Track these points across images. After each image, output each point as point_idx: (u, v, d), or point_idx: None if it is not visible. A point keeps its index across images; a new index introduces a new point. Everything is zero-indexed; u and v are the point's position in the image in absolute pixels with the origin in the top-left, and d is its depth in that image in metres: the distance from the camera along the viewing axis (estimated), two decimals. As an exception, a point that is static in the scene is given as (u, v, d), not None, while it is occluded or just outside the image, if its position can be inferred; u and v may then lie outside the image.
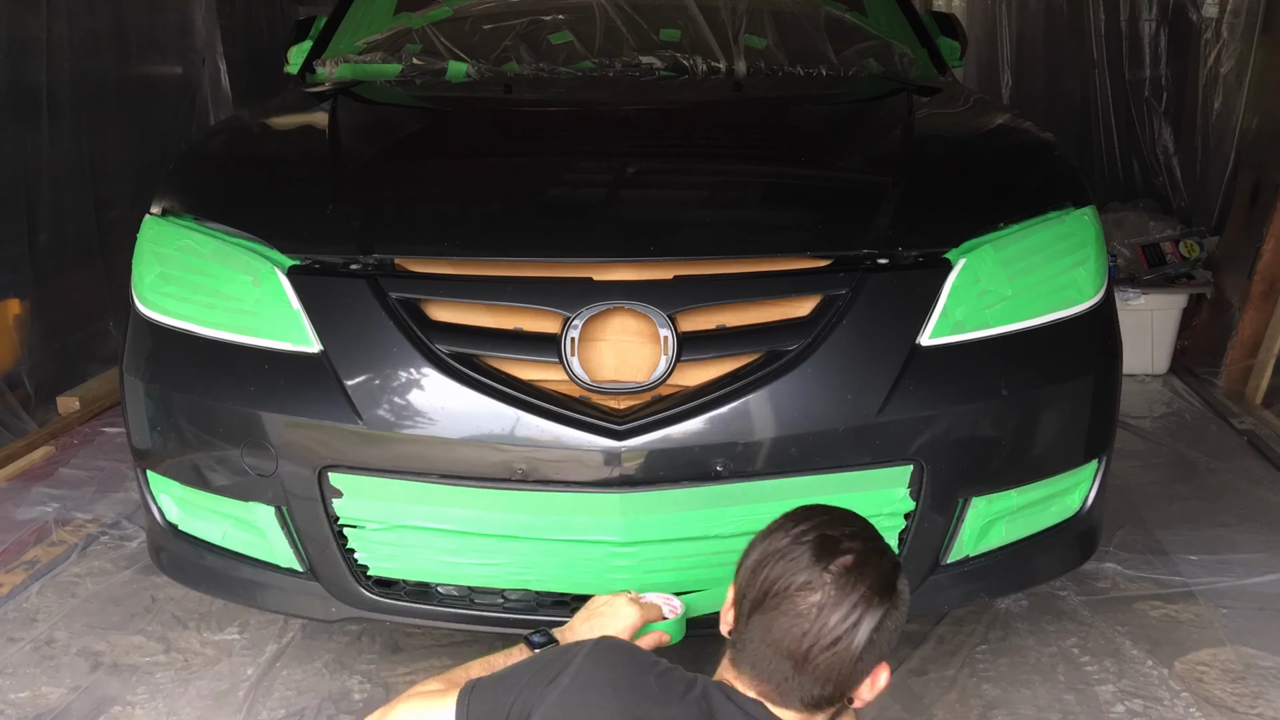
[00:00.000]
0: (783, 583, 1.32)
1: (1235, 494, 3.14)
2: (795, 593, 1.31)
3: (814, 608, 1.29)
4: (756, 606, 1.34)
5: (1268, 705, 2.18)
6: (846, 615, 1.29)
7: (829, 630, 1.29)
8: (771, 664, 1.31)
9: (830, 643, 1.29)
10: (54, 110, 3.90)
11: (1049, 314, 2.01)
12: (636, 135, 2.49)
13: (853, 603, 1.29)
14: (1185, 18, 4.74)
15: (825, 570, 1.31)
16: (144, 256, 2.16)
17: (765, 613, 1.32)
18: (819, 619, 1.29)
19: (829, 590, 1.30)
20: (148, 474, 2.14)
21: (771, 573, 1.34)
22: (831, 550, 1.33)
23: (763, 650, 1.32)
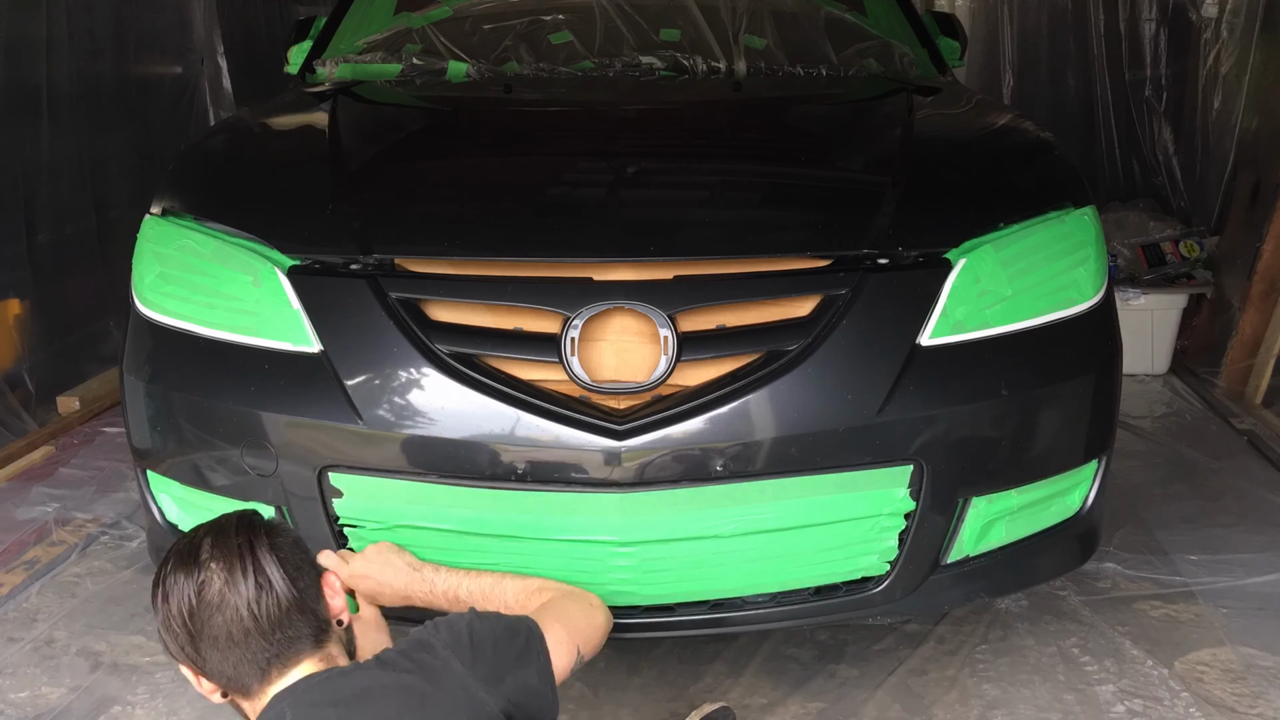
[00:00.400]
0: (186, 605, 1.41)
1: (1235, 494, 3.14)
2: (202, 596, 1.41)
3: (220, 591, 1.40)
4: (194, 640, 1.42)
5: (1268, 705, 2.19)
6: (246, 572, 1.41)
7: (254, 601, 1.40)
8: (254, 657, 1.40)
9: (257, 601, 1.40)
10: (54, 110, 3.90)
11: (1049, 314, 2.01)
12: (636, 135, 2.49)
13: (240, 561, 1.42)
14: (1185, 18, 4.74)
15: (200, 565, 1.42)
16: (144, 256, 2.16)
17: (204, 636, 1.41)
18: (234, 593, 1.40)
19: (218, 569, 1.41)
20: (148, 474, 2.14)
21: (174, 611, 1.42)
22: (192, 551, 1.44)
23: (235, 655, 1.41)
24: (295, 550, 1.49)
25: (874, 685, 2.26)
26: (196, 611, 1.41)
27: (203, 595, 1.40)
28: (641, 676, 2.29)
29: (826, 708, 2.19)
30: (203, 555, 1.43)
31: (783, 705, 2.20)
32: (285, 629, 1.42)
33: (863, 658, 2.35)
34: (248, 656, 1.41)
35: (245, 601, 1.40)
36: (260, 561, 1.42)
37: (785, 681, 2.27)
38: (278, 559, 1.44)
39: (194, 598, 1.41)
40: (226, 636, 1.40)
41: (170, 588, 1.44)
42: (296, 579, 1.45)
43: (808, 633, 2.43)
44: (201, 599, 1.40)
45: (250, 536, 1.45)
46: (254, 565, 1.42)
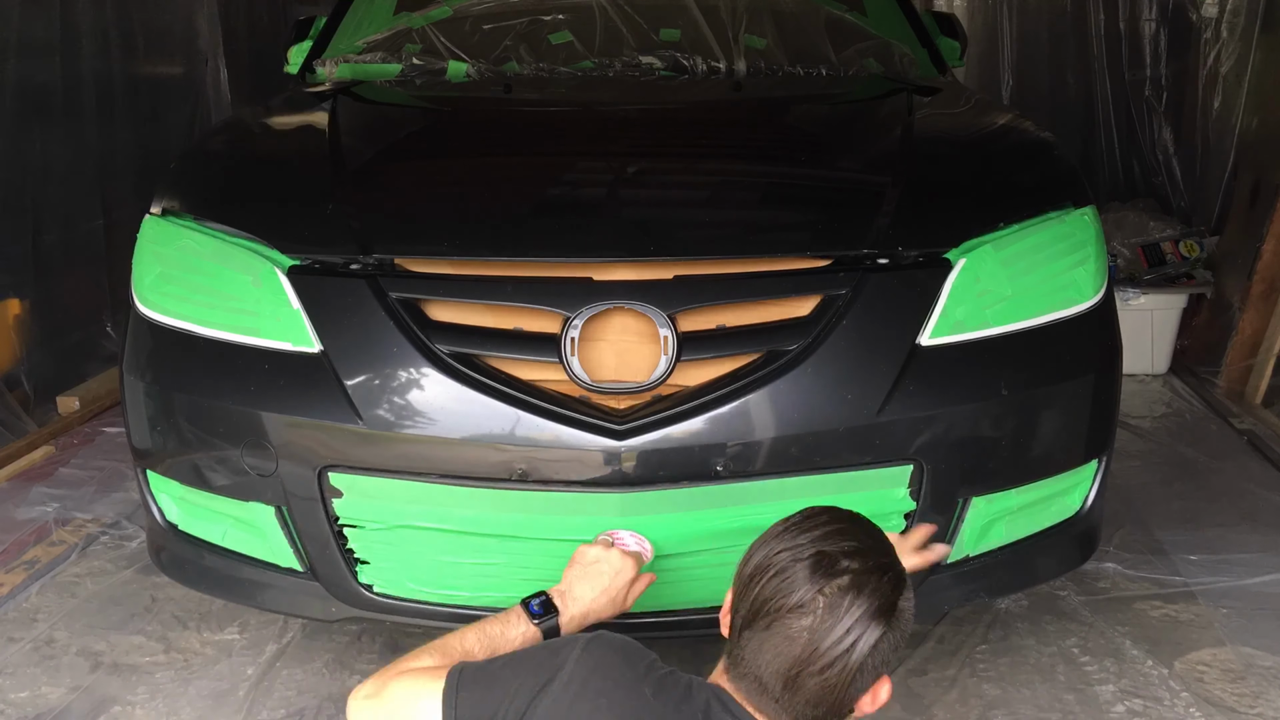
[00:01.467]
0: (775, 603, 1.27)
1: (1235, 494, 3.14)
2: (787, 614, 1.25)
3: (805, 631, 1.24)
4: (749, 623, 1.29)
5: (1268, 705, 2.18)
6: (839, 639, 1.23)
7: (820, 654, 1.24)
8: (763, 681, 1.27)
9: (821, 668, 1.24)
10: (55, 111, 3.90)
11: (1049, 314, 2.01)
12: (636, 135, 2.49)
13: (846, 627, 1.23)
14: (1185, 18, 4.74)
15: (819, 593, 1.25)
16: (144, 256, 2.16)
17: (756, 631, 1.28)
18: (810, 643, 1.24)
19: (821, 614, 1.24)
20: (148, 474, 2.14)
21: (764, 591, 1.28)
22: (828, 570, 1.26)
23: (754, 667, 1.27)
24: (895, 651, 1.29)
25: (874, 685, 2.25)
26: (771, 614, 1.26)
27: (788, 613, 1.24)
28: (641, 676, 2.29)
29: (826, 708, 2.19)
30: (829, 588, 1.25)
31: (783, 705, 2.19)
32: (804, 696, 1.25)
33: (863, 658, 2.35)
34: (758, 679, 1.27)
35: (807, 657, 1.23)
36: (864, 640, 1.24)
37: (785, 681, 2.27)
38: (874, 645, 1.24)
39: (780, 606, 1.25)
40: (766, 653, 1.25)
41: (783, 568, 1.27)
42: (863, 670, 1.25)
43: (808, 633, 2.43)
44: (783, 614, 1.25)
45: (882, 616, 1.25)
46: (855, 640, 1.23)
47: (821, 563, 1.27)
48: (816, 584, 1.25)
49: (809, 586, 1.25)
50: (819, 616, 1.24)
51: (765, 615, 1.27)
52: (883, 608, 1.26)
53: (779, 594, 1.26)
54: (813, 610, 1.24)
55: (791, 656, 1.24)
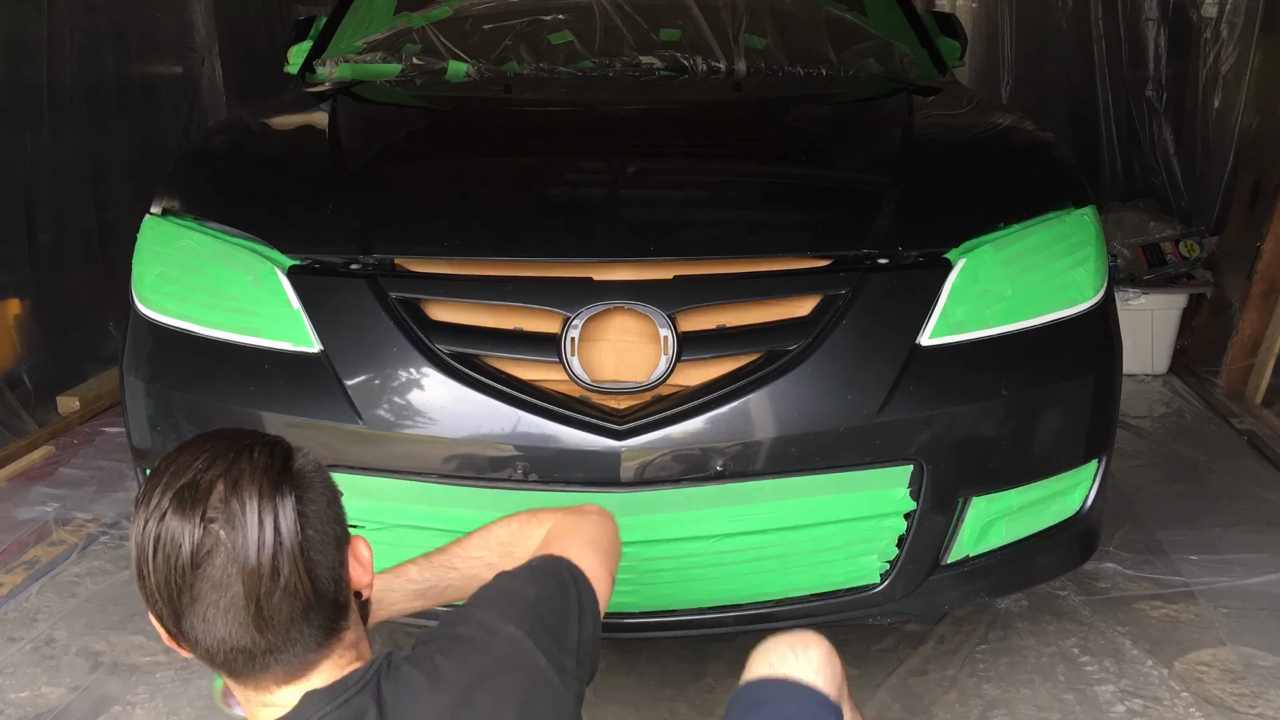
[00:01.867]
0: (177, 573, 1.01)
1: (1235, 494, 3.14)
2: (196, 570, 1.01)
3: (226, 566, 1.01)
4: (177, 614, 1.03)
5: (1268, 705, 2.19)
6: (260, 544, 1.01)
7: (258, 572, 1.01)
8: (240, 650, 1.03)
9: (270, 585, 1.01)
10: (54, 110, 3.89)
11: (1049, 314, 2.01)
12: (637, 135, 2.49)
13: (255, 528, 1.01)
14: (1185, 18, 4.74)
15: (204, 521, 1.01)
16: (144, 256, 2.16)
17: (189, 615, 1.03)
18: (242, 572, 1.00)
19: (224, 539, 1.01)
20: (148, 474, 2.14)
21: (157, 573, 1.02)
22: (193, 498, 1.02)
23: (221, 644, 1.03)
24: (329, 509, 1.11)
25: (874, 685, 2.25)
26: (188, 574, 1.01)
27: (198, 561, 1.01)
28: (641, 676, 2.29)
29: (826, 708, 2.19)
30: (209, 510, 1.02)
31: (783, 705, 2.19)
32: (287, 622, 1.04)
33: (863, 658, 2.35)
34: (236, 654, 1.04)
35: (250, 584, 1.01)
36: (280, 523, 1.02)
37: (785, 681, 2.27)
38: (297, 521, 1.04)
39: (187, 560, 1.01)
40: (217, 624, 1.02)
41: (155, 534, 1.02)
42: (313, 550, 1.05)
43: (808, 633, 2.42)
44: (196, 564, 1.01)
45: (274, 489, 1.03)
46: (271, 530, 1.01)
47: (185, 498, 1.03)
48: (194, 515, 1.01)
49: (190, 527, 1.01)
50: (224, 543, 1.01)
51: (181, 591, 1.02)
52: (272, 481, 1.04)
53: (171, 561, 1.01)
54: (214, 544, 1.01)
55: (239, 598, 1.01)
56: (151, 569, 1.03)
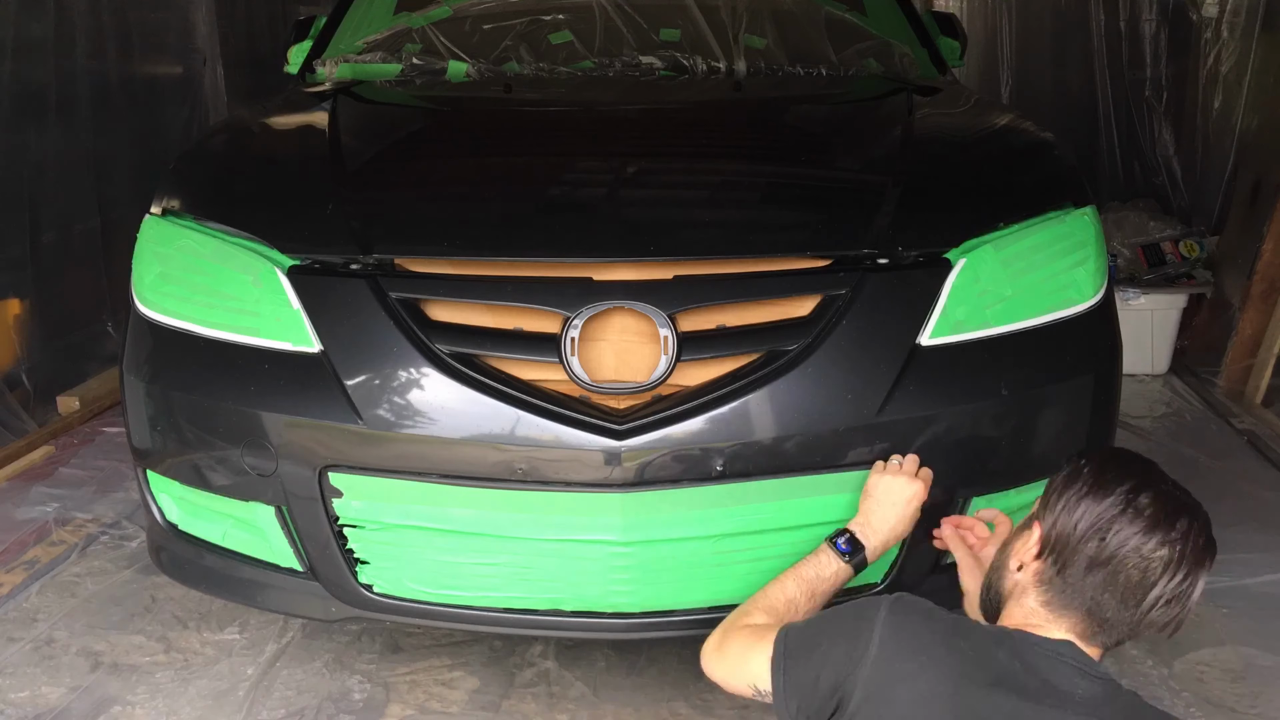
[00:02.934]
0: (1131, 547, 1.36)
1: (1235, 494, 3.14)
2: (1148, 554, 1.35)
3: (1160, 564, 1.35)
4: (1095, 564, 1.37)
5: (1268, 705, 2.18)
6: (1186, 576, 1.36)
7: (1171, 589, 1.36)
8: (1107, 610, 1.37)
9: (1169, 600, 1.36)
10: (55, 110, 3.89)
11: (1049, 314, 2.01)
12: (637, 135, 2.49)
13: (1191, 565, 1.36)
14: (1185, 18, 4.74)
15: (1170, 534, 1.36)
16: (144, 256, 2.16)
17: (1106, 569, 1.37)
18: (1164, 577, 1.35)
19: (1175, 551, 1.35)
20: (148, 474, 2.14)
21: (1116, 539, 1.37)
22: (1173, 512, 1.38)
23: (1101, 598, 1.37)
24: None
25: (874, 685, 2.25)
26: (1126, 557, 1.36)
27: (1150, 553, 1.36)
28: (641, 676, 2.29)
29: (826, 708, 2.19)
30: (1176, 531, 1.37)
31: (783, 705, 2.19)
32: (1143, 623, 1.40)
33: (863, 658, 2.34)
34: (1102, 607, 1.38)
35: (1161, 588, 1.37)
36: (1201, 575, 1.38)
37: (785, 681, 2.27)
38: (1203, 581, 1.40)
39: (1138, 547, 1.36)
40: (1118, 587, 1.37)
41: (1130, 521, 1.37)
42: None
43: (808, 633, 2.42)
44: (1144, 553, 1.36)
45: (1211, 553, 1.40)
46: (1196, 577, 1.38)
47: (1167, 508, 1.38)
48: (1165, 527, 1.36)
49: (1161, 531, 1.36)
50: (1173, 552, 1.35)
51: (1119, 560, 1.36)
52: (1210, 544, 1.40)
53: (1133, 540, 1.36)
54: (1166, 545, 1.35)
55: (1147, 587, 1.36)
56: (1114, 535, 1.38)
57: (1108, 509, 1.39)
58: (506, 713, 2.19)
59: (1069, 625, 1.41)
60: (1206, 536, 1.40)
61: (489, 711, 2.19)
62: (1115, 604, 1.38)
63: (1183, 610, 1.40)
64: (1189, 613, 1.41)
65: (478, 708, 2.20)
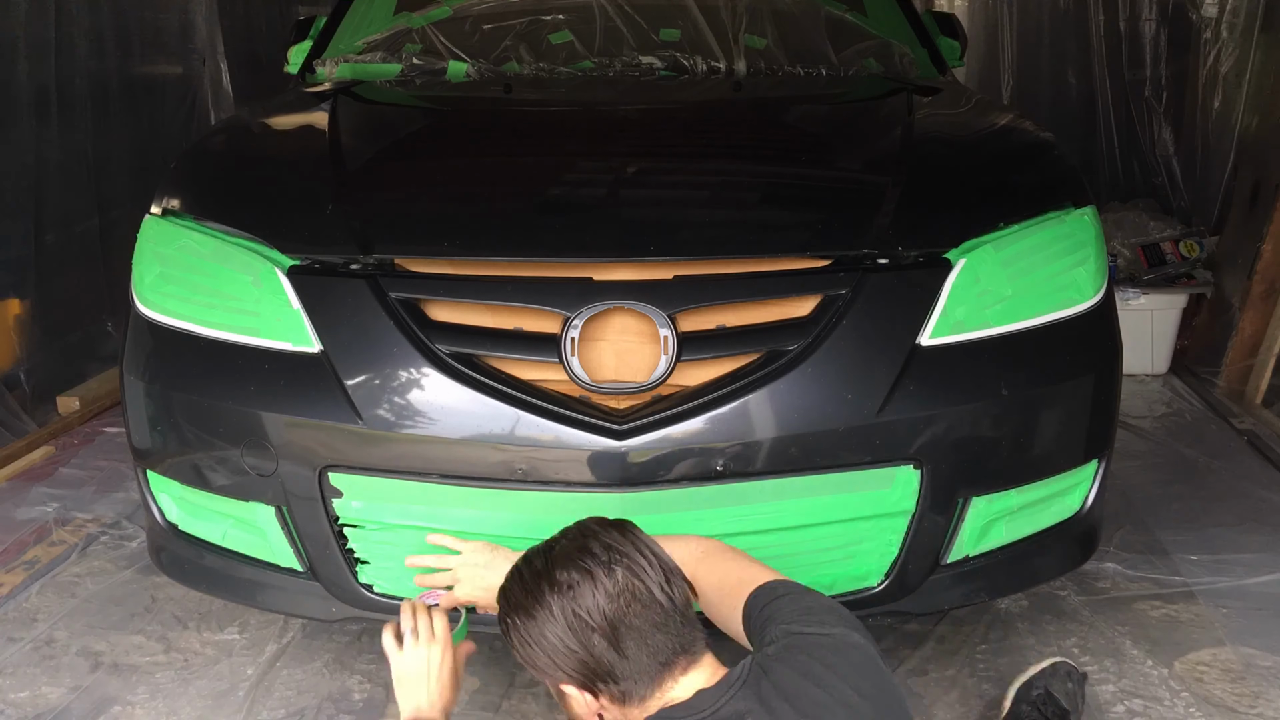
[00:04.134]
0: (602, 608, 1.35)
1: (1235, 494, 3.14)
2: (611, 587, 1.35)
3: (630, 583, 1.36)
4: (609, 638, 1.35)
5: (1268, 705, 2.19)
6: (645, 568, 1.37)
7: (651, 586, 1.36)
8: (664, 638, 1.35)
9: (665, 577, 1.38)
10: (55, 110, 3.90)
11: (1049, 314, 2.01)
12: (636, 135, 2.49)
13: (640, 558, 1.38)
14: (1185, 18, 4.74)
15: (602, 566, 1.37)
16: (144, 256, 2.16)
17: (615, 630, 1.34)
18: (635, 578, 1.36)
19: (620, 563, 1.37)
20: (148, 474, 2.14)
21: (585, 611, 1.35)
22: (577, 560, 1.38)
23: (650, 642, 1.35)
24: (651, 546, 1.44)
25: (874, 685, 2.25)
26: (620, 608, 1.34)
27: (617, 592, 1.35)
28: (641, 676, 2.29)
29: (826, 708, 2.19)
30: (597, 558, 1.37)
31: (783, 705, 2.19)
32: (687, 614, 1.38)
33: (863, 658, 2.35)
34: (664, 642, 1.35)
35: (657, 585, 1.36)
36: (651, 548, 1.40)
37: (785, 681, 2.27)
38: (642, 554, 1.40)
39: (605, 607, 1.34)
40: (650, 624, 1.34)
41: (571, 601, 1.35)
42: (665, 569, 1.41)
43: (808, 633, 2.42)
44: (619, 596, 1.34)
45: (623, 530, 1.43)
46: (640, 553, 1.39)
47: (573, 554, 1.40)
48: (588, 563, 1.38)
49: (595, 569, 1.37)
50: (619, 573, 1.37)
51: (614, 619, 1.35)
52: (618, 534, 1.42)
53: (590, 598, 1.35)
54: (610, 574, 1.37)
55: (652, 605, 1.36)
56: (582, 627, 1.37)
57: (547, 606, 1.37)
58: (506, 713, 2.19)
59: (673, 681, 1.36)
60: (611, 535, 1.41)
61: (489, 712, 2.19)
62: (658, 630, 1.35)
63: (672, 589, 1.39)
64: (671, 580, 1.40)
65: (478, 708, 2.20)
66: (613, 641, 1.34)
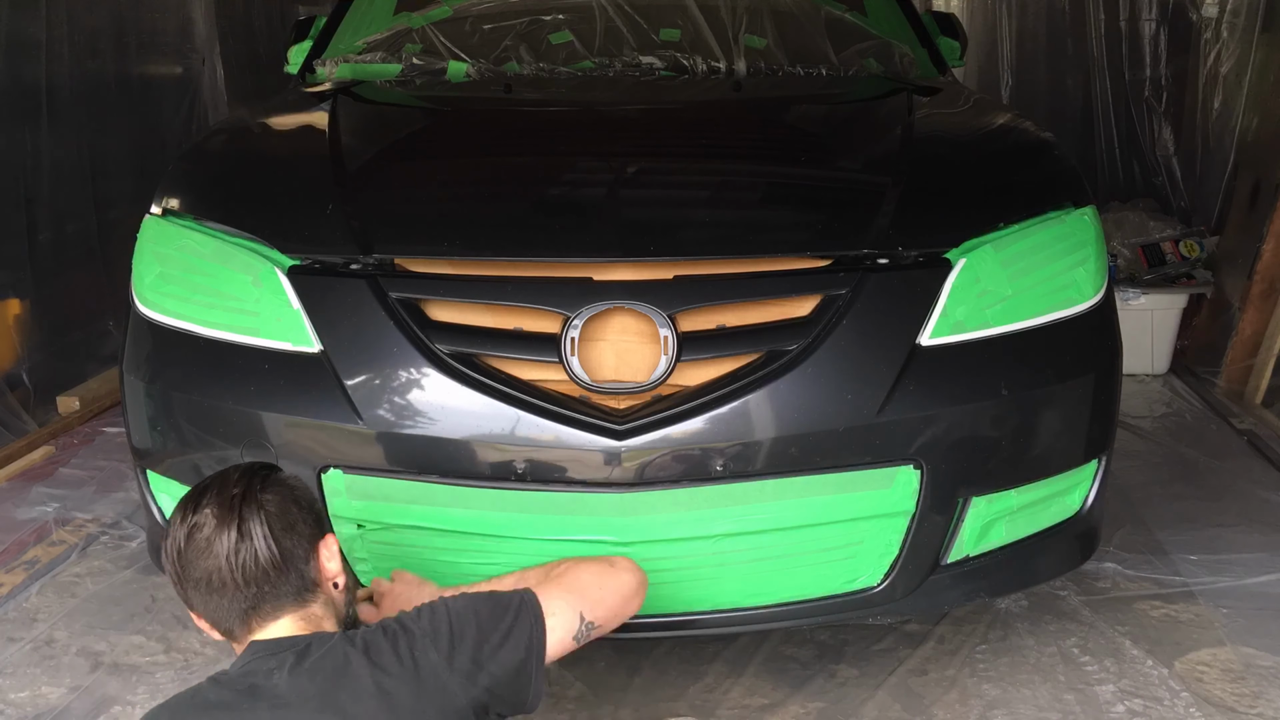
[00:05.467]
0: (176, 546, 1.46)
1: (1235, 494, 3.14)
2: (191, 540, 1.45)
3: (208, 538, 1.44)
4: (181, 579, 1.47)
5: (1268, 705, 2.19)
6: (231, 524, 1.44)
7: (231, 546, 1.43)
8: (232, 606, 1.45)
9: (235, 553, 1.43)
10: (54, 110, 3.90)
11: (1049, 314, 2.01)
12: (636, 135, 2.49)
13: (229, 512, 1.45)
14: (1185, 18, 4.74)
15: (198, 509, 1.46)
16: (144, 256, 2.16)
17: (189, 577, 1.46)
18: (218, 542, 1.44)
19: (210, 515, 1.45)
20: (148, 474, 2.14)
21: (169, 548, 1.47)
22: (196, 494, 1.49)
23: (214, 601, 1.45)
24: (289, 507, 1.50)
25: (874, 685, 2.26)
26: (185, 553, 1.45)
27: (192, 539, 1.45)
28: (641, 676, 2.29)
29: (826, 708, 2.19)
30: (204, 500, 1.47)
31: (783, 705, 2.19)
32: (262, 584, 1.44)
33: (863, 658, 2.35)
34: (225, 604, 1.45)
35: (225, 552, 1.43)
36: (246, 516, 1.45)
37: (785, 681, 2.27)
38: (265, 515, 1.45)
39: (183, 541, 1.45)
40: (207, 582, 1.44)
41: (173, 524, 1.48)
42: (282, 538, 1.46)
43: (808, 632, 2.43)
44: (191, 542, 1.45)
45: (246, 489, 1.48)
46: (239, 518, 1.44)
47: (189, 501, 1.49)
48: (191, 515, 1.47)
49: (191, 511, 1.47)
50: (207, 521, 1.45)
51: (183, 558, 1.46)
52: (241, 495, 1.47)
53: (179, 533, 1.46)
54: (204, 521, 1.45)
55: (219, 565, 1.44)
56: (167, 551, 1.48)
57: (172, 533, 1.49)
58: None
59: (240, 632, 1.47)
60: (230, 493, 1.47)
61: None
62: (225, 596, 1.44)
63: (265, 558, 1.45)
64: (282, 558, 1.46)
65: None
66: (180, 580, 1.47)
